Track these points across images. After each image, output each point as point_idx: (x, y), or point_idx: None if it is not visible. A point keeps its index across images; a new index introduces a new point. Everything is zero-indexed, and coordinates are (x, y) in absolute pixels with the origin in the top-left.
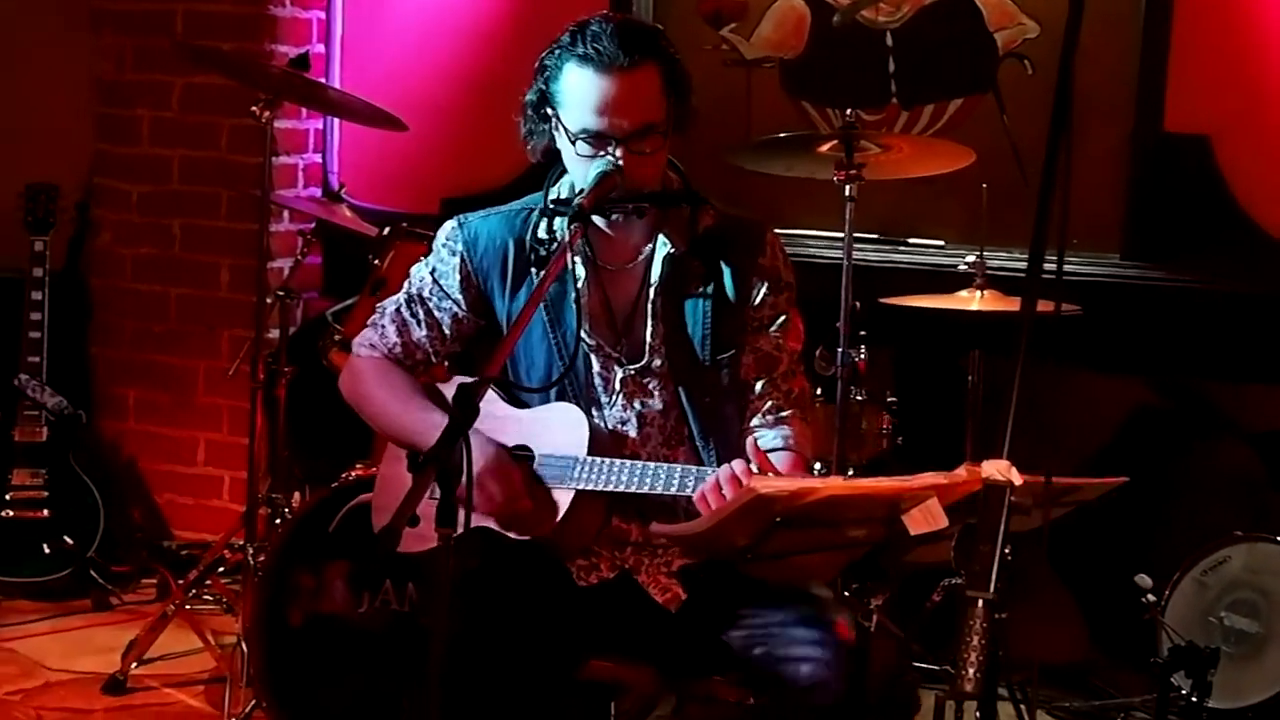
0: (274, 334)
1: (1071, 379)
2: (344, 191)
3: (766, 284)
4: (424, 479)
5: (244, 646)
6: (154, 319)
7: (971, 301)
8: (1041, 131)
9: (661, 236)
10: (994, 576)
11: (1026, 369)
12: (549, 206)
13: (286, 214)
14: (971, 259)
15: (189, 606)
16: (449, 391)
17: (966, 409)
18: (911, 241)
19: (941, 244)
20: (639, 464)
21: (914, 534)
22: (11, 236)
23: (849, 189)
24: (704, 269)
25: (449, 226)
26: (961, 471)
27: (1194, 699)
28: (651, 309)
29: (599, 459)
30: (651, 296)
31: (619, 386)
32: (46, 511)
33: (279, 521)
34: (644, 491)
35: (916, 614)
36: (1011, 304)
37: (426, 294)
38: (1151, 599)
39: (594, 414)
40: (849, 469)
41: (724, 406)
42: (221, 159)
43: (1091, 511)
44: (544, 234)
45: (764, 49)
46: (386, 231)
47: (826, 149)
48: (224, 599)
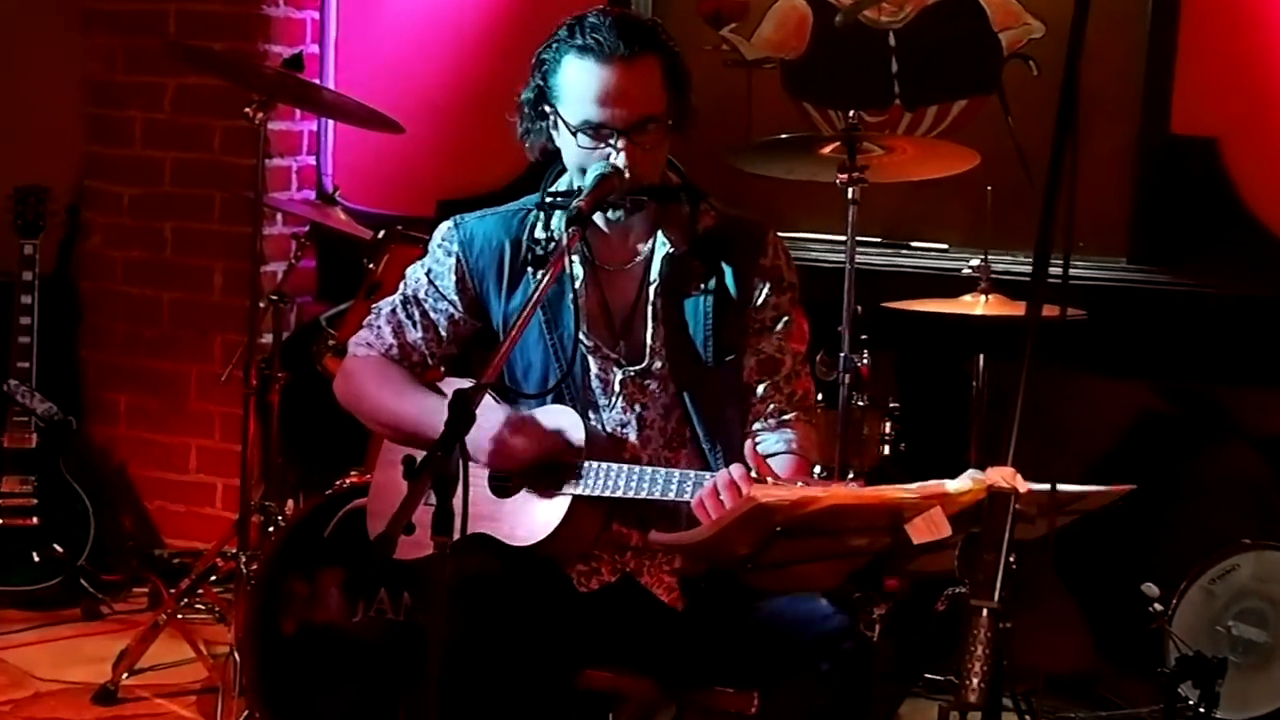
0: (267, 339)
1: (1077, 384)
2: (338, 194)
3: (768, 284)
4: (420, 486)
5: (236, 656)
6: (145, 323)
7: (976, 306)
8: (1047, 133)
9: (661, 236)
10: (998, 585)
11: (1031, 374)
12: (546, 201)
13: (280, 217)
14: (976, 262)
15: (181, 616)
16: (446, 391)
17: (970, 415)
18: (915, 245)
19: (945, 247)
20: (636, 469)
21: (917, 543)
22: (0, 239)
23: (851, 191)
24: (704, 269)
25: (445, 227)
26: (966, 482)
27: (1201, 710)
28: (652, 310)
29: (596, 464)
30: (651, 297)
31: (618, 388)
32: (36, 519)
33: (272, 529)
34: (642, 497)
35: (920, 623)
36: (1016, 308)
37: (422, 295)
38: (1158, 608)
39: (592, 417)
40: (851, 475)
41: (727, 408)
42: (214, 161)
43: (1097, 519)
44: (541, 234)
45: (765, 49)
46: (381, 235)
47: (828, 151)
48: (216, 608)
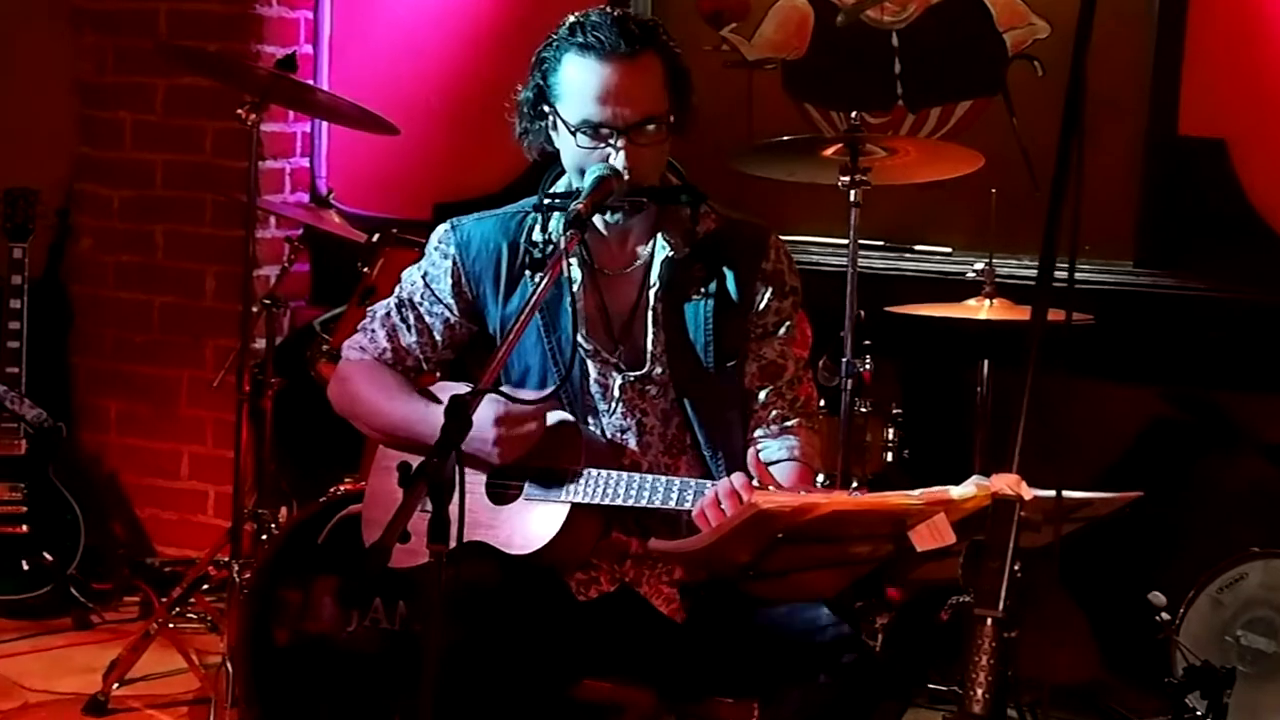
0: (260, 344)
1: (1083, 390)
2: (332, 197)
3: (770, 289)
4: (415, 492)
5: (229, 666)
6: (136, 328)
7: (980, 310)
8: (1052, 135)
9: (661, 240)
10: (1003, 594)
11: (1037, 380)
12: (544, 203)
13: (273, 220)
14: (980, 266)
15: (172, 625)
16: (441, 398)
17: (975, 421)
18: (918, 248)
19: (949, 251)
20: (636, 476)
21: (921, 550)
22: None
23: (853, 194)
24: (705, 272)
25: (441, 229)
26: (971, 489)
27: None
28: (651, 314)
29: (595, 471)
30: (651, 301)
31: (618, 394)
32: (25, 527)
33: (265, 537)
34: (641, 505)
35: (924, 633)
36: (1021, 313)
37: (418, 299)
38: (1165, 617)
39: (591, 423)
40: (853, 483)
41: (728, 414)
42: (206, 163)
43: (1104, 527)
44: (539, 237)
45: (766, 50)
46: (376, 238)
47: (830, 153)
48: (208, 617)
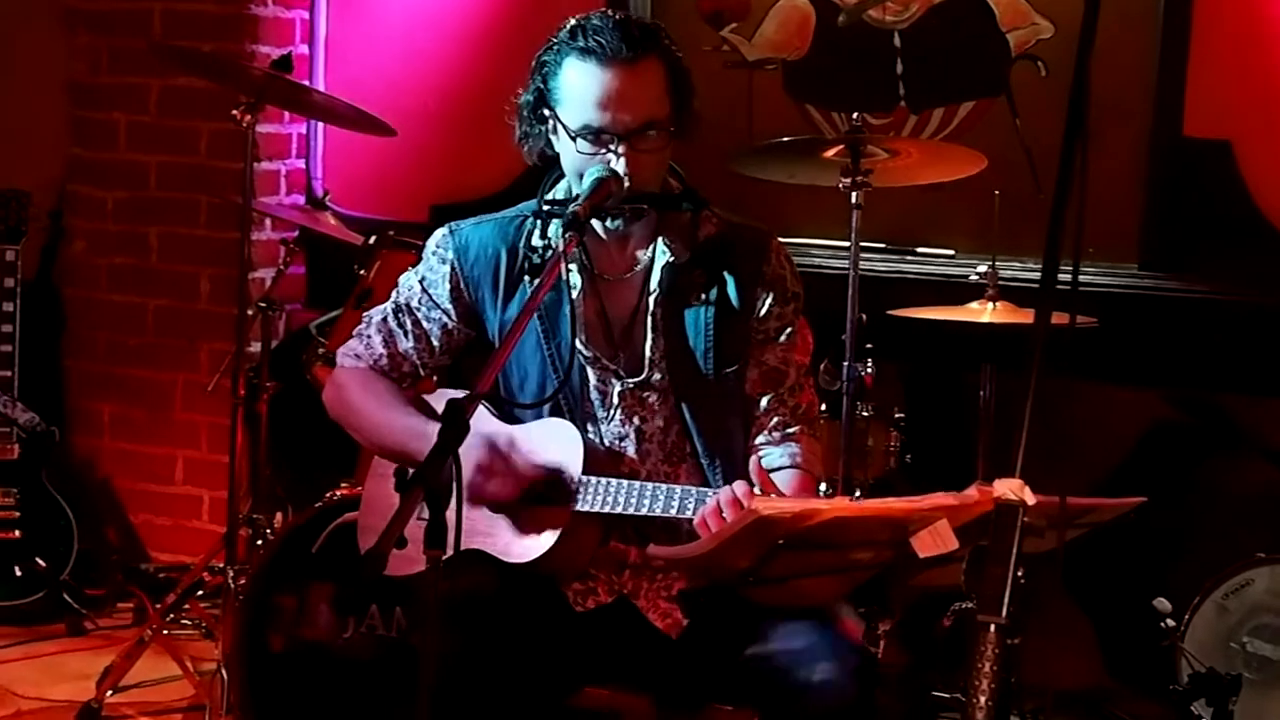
0: (255, 347)
1: (1087, 394)
2: (328, 199)
3: (772, 294)
4: (411, 499)
5: (224, 673)
6: (130, 331)
7: (983, 313)
8: (1056, 136)
9: (661, 245)
10: (1006, 601)
11: (1040, 383)
12: (543, 209)
13: (269, 222)
14: (983, 269)
15: (166, 631)
16: (437, 404)
17: (977, 426)
18: (920, 251)
19: (952, 253)
20: (637, 484)
21: (923, 556)
22: None
23: (855, 196)
24: (706, 278)
25: (440, 234)
26: (973, 492)
27: None
28: (651, 320)
29: (595, 478)
30: (651, 307)
31: (617, 401)
32: (18, 532)
33: (260, 543)
34: (642, 514)
35: (927, 639)
36: (1025, 316)
37: (415, 304)
38: (1170, 624)
39: (589, 430)
40: (855, 489)
41: (728, 421)
42: (201, 165)
43: (1108, 532)
44: (538, 241)
45: (766, 50)
46: (373, 240)
47: (831, 154)
48: (203, 624)
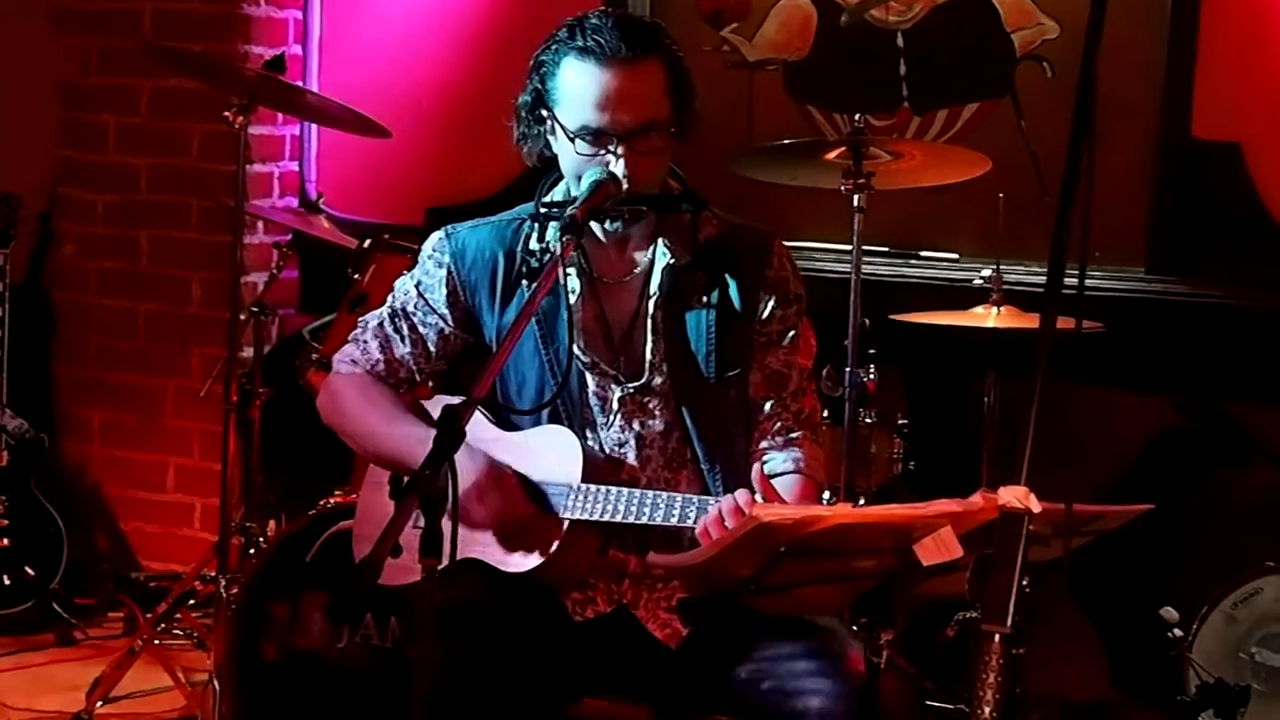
0: (248, 352)
1: (1093, 400)
2: (322, 201)
3: (774, 297)
4: (406, 507)
5: (216, 684)
6: (120, 336)
7: (987, 318)
8: (1062, 138)
9: (661, 247)
10: (1011, 609)
11: (1045, 389)
12: (541, 211)
13: (261, 225)
14: (987, 273)
15: (158, 641)
16: (434, 411)
17: (982, 432)
18: (924, 254)
19: (955, 257)
20: (637, 492)
21: (926, 564)
22: None
23: (857, 199)
24: (707, 280)
25: (436, 237)
26: (977, 499)
27: None
28: (651, 323)
29: (594, 486)
30: (651, 310)
31: (617, 406)
32: (6, 540)
33: (253, 551)
34: (642, 522)
35: (930, 649)
36: (1029, 321)
37: (411, 308)
38: (1178, 633)
39: (589, 436)
40: (858, 495)
41: (730, 426)
42: (192, 167)
43: (1114, 540)
44: (535, 245)
45: (767, 50)
46: (367, 244)
47: (834, 156)
48: (195, 633)
